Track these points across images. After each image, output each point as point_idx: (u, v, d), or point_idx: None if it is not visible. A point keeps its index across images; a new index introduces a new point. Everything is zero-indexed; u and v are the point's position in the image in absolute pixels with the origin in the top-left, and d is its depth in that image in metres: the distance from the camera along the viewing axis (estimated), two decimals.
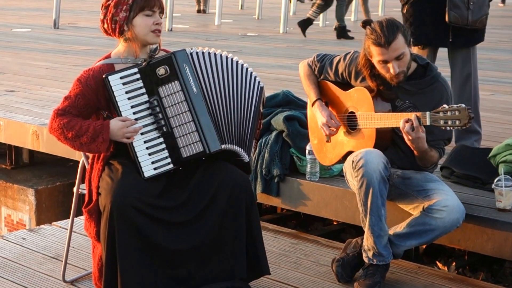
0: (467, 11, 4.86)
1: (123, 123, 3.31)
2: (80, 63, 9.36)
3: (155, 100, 3.33)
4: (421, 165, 3.73)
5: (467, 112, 3.39)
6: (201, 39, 12.42)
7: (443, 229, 3.62)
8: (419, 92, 3.72)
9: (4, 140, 6.44)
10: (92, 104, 3.39)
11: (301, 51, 10.93)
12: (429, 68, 3.76)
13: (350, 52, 3.91)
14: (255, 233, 3.42)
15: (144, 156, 3.33)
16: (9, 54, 10.24)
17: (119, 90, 3.33)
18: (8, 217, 6.81)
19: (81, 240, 4.30)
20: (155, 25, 3.39)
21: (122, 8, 3.37)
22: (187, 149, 3.34)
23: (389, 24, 3.61)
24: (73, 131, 3.32)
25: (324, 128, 3.86)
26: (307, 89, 4.01)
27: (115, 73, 3.34)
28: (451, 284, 3.84)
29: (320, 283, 3.83)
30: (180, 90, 3.32)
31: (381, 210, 3.60)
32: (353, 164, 3.62)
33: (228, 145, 3.39)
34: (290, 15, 15.59)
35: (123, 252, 3.21)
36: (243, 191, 3.36)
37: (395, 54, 3.59)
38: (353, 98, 3.82)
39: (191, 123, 3.33)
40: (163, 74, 3.33)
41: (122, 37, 3.42)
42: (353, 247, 3.85)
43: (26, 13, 17.68)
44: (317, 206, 4.49)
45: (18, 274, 3.89)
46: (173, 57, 3.33)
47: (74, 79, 3.41)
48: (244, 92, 3.48)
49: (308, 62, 4.05)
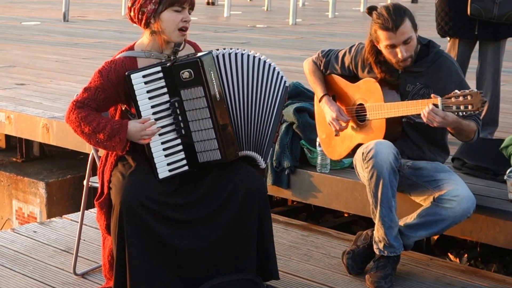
0: (493, 4, 4.79)
1: (141, 125, 3.24)
2: (90, 56, 9.38)
3: (176, 101, 3.26)
4: (464, 140, 3.67)
5: (480, 97, 3.35)
6: (210, 31, 12.41)
7: (454, 219, 3.60)
8: (426, 71, 3.70)
9: (15, 133, 6.45)
10: (111, 98, 3.33)
11: (310, 43, 10.90)
12: (431, 45, 3.74)
13: (355, 45, 3.89)
14: (267, 238, 3.39)
15: (160, 157, 3.28)
16: (19, 47, 10.26)
17: (141, 89, 3.24)
18: (19, 210, 6.83)
19: (91, 233, 4.30)
20: (183, 22, 3.29)
21: (151, 0, 3.29)
22: (205, 155, 3.30)
23: (396, 8, 3.59)
24: (90, 126, 3.26)
25: (333, 123, 3.84)
26: (313, 85, 3.99)
27: (137, 71, 3.24)
28: (463, 276, 3.83)
29: (331, 275, 3.82)
30: (203, 96, 3.24)
31: (391, 201, 3.59)
32: (363, 155, 3.61)
33: (245, 152, 3.35)
34: (299, 7, 15.55)
35: (132, 249, 3.19)
36: (258, 195, 3.32)
37: (402, 38, 3.57)
38: (361, 90, 3.80)
39: (211, 130, 3.27)
40: (187, 77, 3.23)
41: (148, 29, 3.33)
42: (363, 239, 3.84)
43: (35, 6, 17.71)
44: (328, 198, 4.48)
45: (29, 267, 3.90)
46: (199, 62, 3.22)
47: (95, 71, 3.33)
48: (268, 94, 3.40)
49: (312, 59, 4.03)
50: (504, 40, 5.03)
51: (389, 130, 3.69)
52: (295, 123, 4.67)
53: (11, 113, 6.33)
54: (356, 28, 13.28)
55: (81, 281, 3.74)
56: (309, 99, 4.92)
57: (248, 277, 3.34)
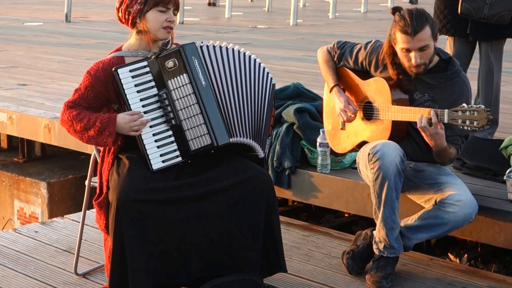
0: (484, 4, 4.79)
1: (130, 117, 3.31)
2: (92, 56, 9.39)
3: (164, 93, 3.34)
4: (438, 161, 3.71)
5: (486, 114, 3.36)
6: (212, 31, 12.42)
7: (455, 224, 3.61)
8: (439, 86, 3.68)
9: (17, 133, 6.47)
10: (101, 97, 3.39)
11: (311, 44, 10.91)
12: (451, 63, 3.71)
13: (372, 41, 3.86)
14: (276, 231, 3.41)
15: (152, 149, 3.34)
16: (21, 48, 10.27)
17: (129, 83, 3.33)
18: (20, 210, 6.85)
19: (93, 233, 4.31)
20: (167, 22, 3.38)
21: (137, 0, 3.37)
22: (195, 142, 3.33)
23: (418, 14, 3.57)
24: (81, 124, 3.33)
25: (342, 114, 3.83)
26: (325, 74, 3.97)
27: (124, 66, 3.34)
28: (463, 276, 3.84)
29: (332, 275, 3.83)
30: (189, 83, 3.32)
31: (395, 203, 3.59)
32: (369, 156, 3.60)
33: (239, 138, 3.37)
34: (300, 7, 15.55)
35: (131, 247, 3.19)
36: (266, 189, 3.33)
37: (419, 45, 3.56)
38: (371, 88, 3.80)
39: (199, 115, 3.32)
40: (172, 67, 3.33)
41: (134, 28, 3.43)
42: (363, 238, 3.85)
43: (38, 7, 17.73)
44: (328, 198, 4.49)
45: (30, 267, 3.91)
46: (182, 49, 3.32)
47: (84, 72, 3.42)
48: (256, 86, 3.46)
49: (328, 48, 4.01)
50: (500, 41, 5.02)
51: (395, 131, 3.69)
52: (296, 123, 4.68)
53: (13, 114, 6.35)
54: (356, 29, 13.29)
55: (82, 281, 3.75)
56: (310, 100, 4.93)
57: (249, 277, 3.34)
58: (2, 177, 6.97)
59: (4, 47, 10.40)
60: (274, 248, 3.41)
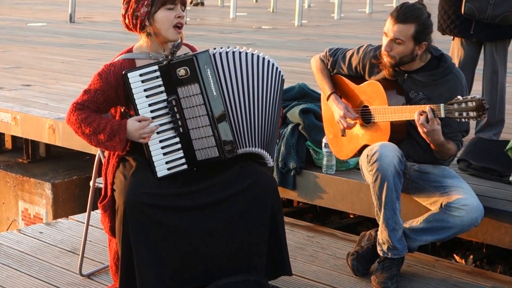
0: (488, 4, 4.78)
1: (140, 124, 3.27)
2: (96, 57, 9.39)
3: (174, 99, 3.28)
4: (438, 158, 3.70)
5: (482, 103, 3.35)
6: (216, 32, 12.42)
7: (461, 228, 3.59)
8: (432, 83, 3.68)
9: (21, 134, 6.47)
10: (110, 101, 3.36)
11: (315, 44, 10.90)
12: (442, 59, 3.71)
13: (364, 46, 3.87)
14: (281, 234, 3.41)
15: (158, 156, 3.30)
16: (25, 49, 10.29)
17: (138, 88, 3.27)
18: (25, 211, 6.85)
19: (97, 233, 4.31)
20: (177, 18, 3.34)
21: (143, 3, 3.31)
22: (203, 153, 3.30)
23: (413, 9, 3.57)
24: (91, 128, 3.30)
25: (341, 121, 3.83)
26: (321, 83, 3.97)
27: (134, 70, 3.29)
28: (469, 277, 3.83)
29: (337, 276, 3.82)
30: (199, 93, 3.26)
31: (395, 204, 3.59)
32: (368, 158, 3.60)
33: (248, 148, 3.35)
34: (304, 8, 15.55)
35: (139, 248, 3.19)
36: (271, 193, 3.33)
37: (393, 35, 3.57)
38: (366, 92, 3.80)
39: (208, 127, 3.28)
40: (183, 75, 3.26)
41: (143, 32, 3.37)
42: (367, 239, 3.84)
43: (42, 8, 17.76)
44: (334, 199, 4.48)
45: (35, 268, 3.90)
46: (195, 59, 3.25)
47: (95, 73, 3.37)
48: (268, 92, 3.41)
49: (320, 56, 4.01)
50: (505, 41, 5.01)
51: (394, 132, 3.69)
52: (301, 124, 4.67)
53: (17, 114, 6.35)
54: (361, 30, 13.28)
55: (87, 282, 3.75)
56: (315, 100, 4.92)
57: (254, 278, 3.34)
58: (7, 178, 6.97)
59: (8, 47, 10.42)
60: (279, 251, 3.40)
